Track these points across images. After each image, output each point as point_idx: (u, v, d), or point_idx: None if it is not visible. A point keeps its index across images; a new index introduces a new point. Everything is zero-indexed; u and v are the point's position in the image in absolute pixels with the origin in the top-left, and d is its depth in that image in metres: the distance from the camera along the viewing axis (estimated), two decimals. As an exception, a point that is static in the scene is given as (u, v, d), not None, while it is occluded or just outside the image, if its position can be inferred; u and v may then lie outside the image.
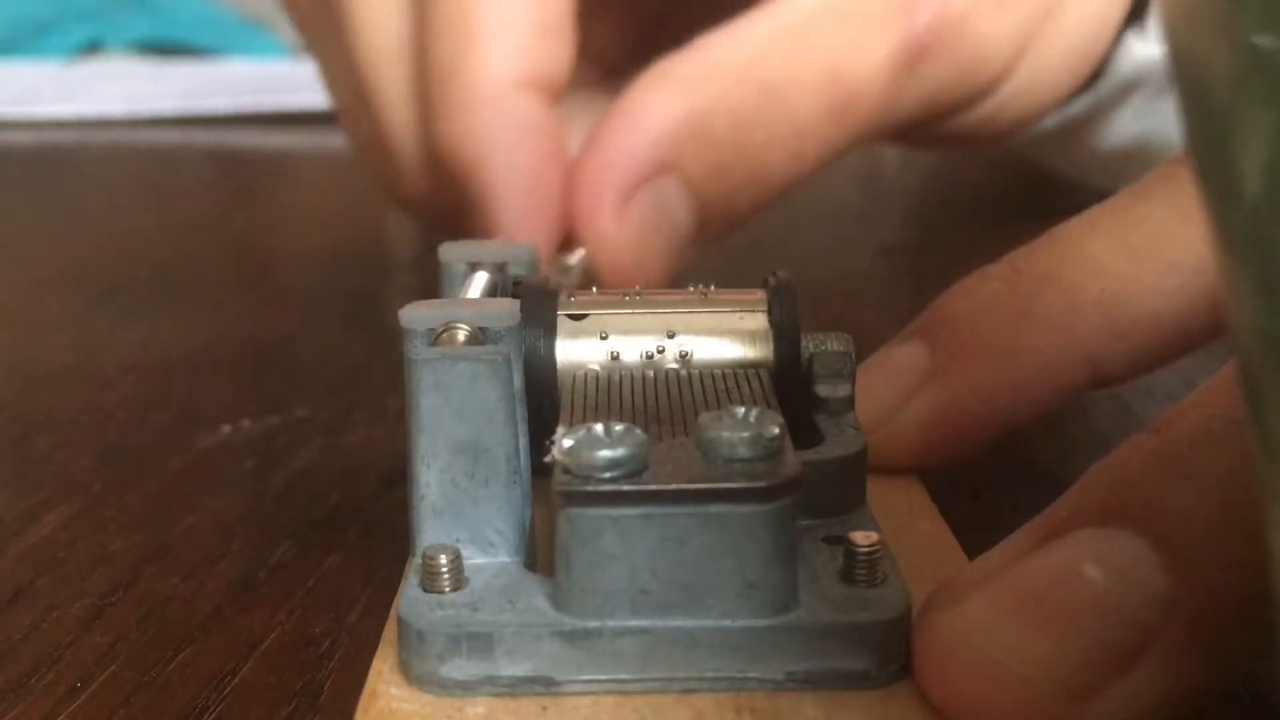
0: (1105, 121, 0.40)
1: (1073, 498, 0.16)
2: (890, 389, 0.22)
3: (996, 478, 0.25)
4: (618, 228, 0.26)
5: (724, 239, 0.28)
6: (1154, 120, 0.41)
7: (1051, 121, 0.38)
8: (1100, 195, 0.23)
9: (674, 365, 0.20)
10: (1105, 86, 0.37)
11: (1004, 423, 0.22)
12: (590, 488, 0.16)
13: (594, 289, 0.21)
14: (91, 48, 0.99)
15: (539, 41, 0.27)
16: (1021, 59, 0.31)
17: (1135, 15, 0.36)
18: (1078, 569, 0.15)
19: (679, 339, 0.20)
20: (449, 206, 0.28)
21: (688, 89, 0.26)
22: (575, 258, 0.25)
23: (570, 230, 0.26)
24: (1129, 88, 0.38)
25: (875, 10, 0.28)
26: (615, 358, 0.20)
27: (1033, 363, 0.22)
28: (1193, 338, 0.22)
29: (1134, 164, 0.43)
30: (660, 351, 0.20)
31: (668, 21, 0.33)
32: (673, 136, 0.26)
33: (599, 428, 0.16)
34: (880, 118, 0.28)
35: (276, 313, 0.40)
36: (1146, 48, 0.37)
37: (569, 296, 0.21)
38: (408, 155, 0.29)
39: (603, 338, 0.20)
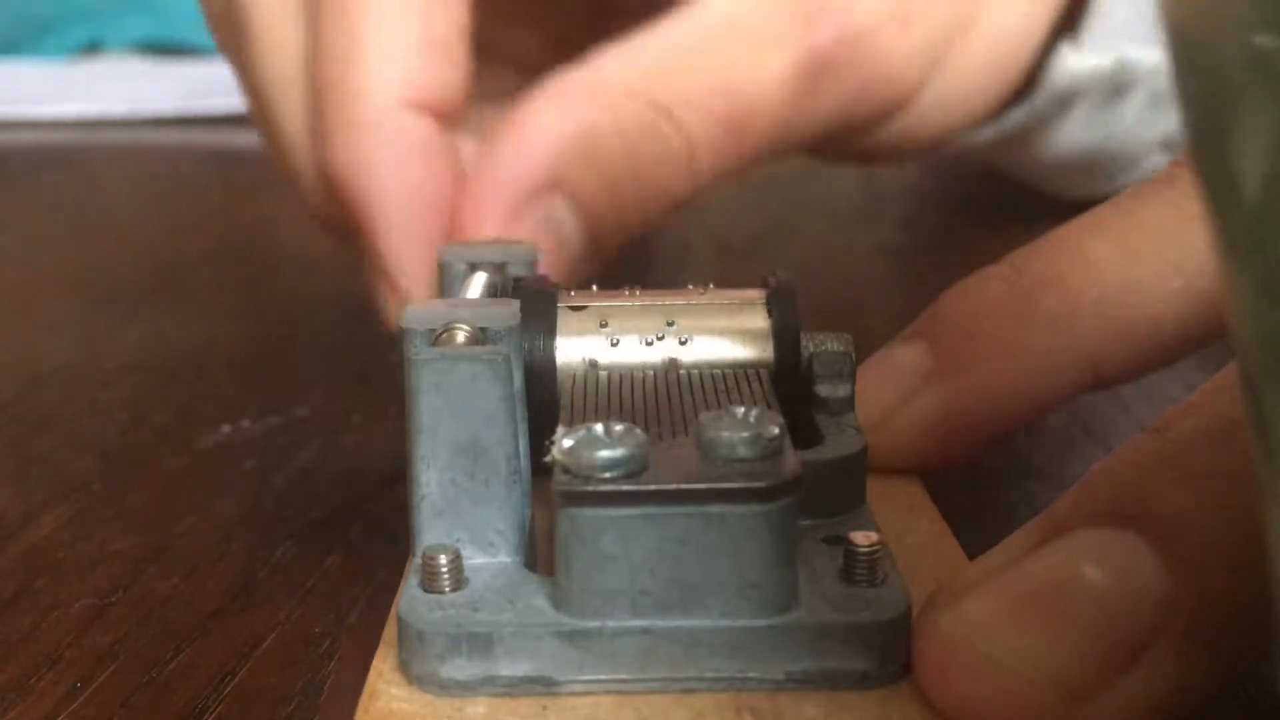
0: (1048, 132, 0.40)
1: (1073, 498, 0.16)
2: (890, 389, 0.22)
3: (996, 478, 0.25)
4: None
5: (620, 254, 0.28)
6: (1106, 129, 0.41)
7: (989, 133, 0.38)
8: (1074, 200, 0.23)
9: (674, 367, 0.20)
10: (1041, 98, 0.37)
11: (1005, 423, 0.22)
12: (590, 488, 0.16)
13: (594, 287, 0.21)
14: (91, 48, 0.99)
15: (426, 61, 0.27)
16: (934, 75, 0.31)
17: (1070, 26, 0.36)
18: (1077, 569, 0.15)
19: (679, 339, 0.20)
20: (346, 222, 0.27)
21: (577, 105, 0.26)
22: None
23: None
24: (1068, 98, 0.38)
25: (774, 27, 0.28)
26: (616, 351, 0.20)
27: (1033, 364, 0.22)
28: (1193, 340, 0.22)
29: (1089, 172, 0.43)
30: (660, 353, 0.20)
31: (590, 24, 0.33)
32: (561, 154, 0.26)
33: (599, 427, 0.16)
34: (781, 133, 0.28)
35: (276, 313, 0.40)
36: (1081, 59, 0.37)
37: (570, 297, 0.21)
38: (306, 174, 0.29)
39: (604, 337, 0.20)
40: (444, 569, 0.17)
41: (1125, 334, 0.22)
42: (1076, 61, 0.37)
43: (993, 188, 0.51)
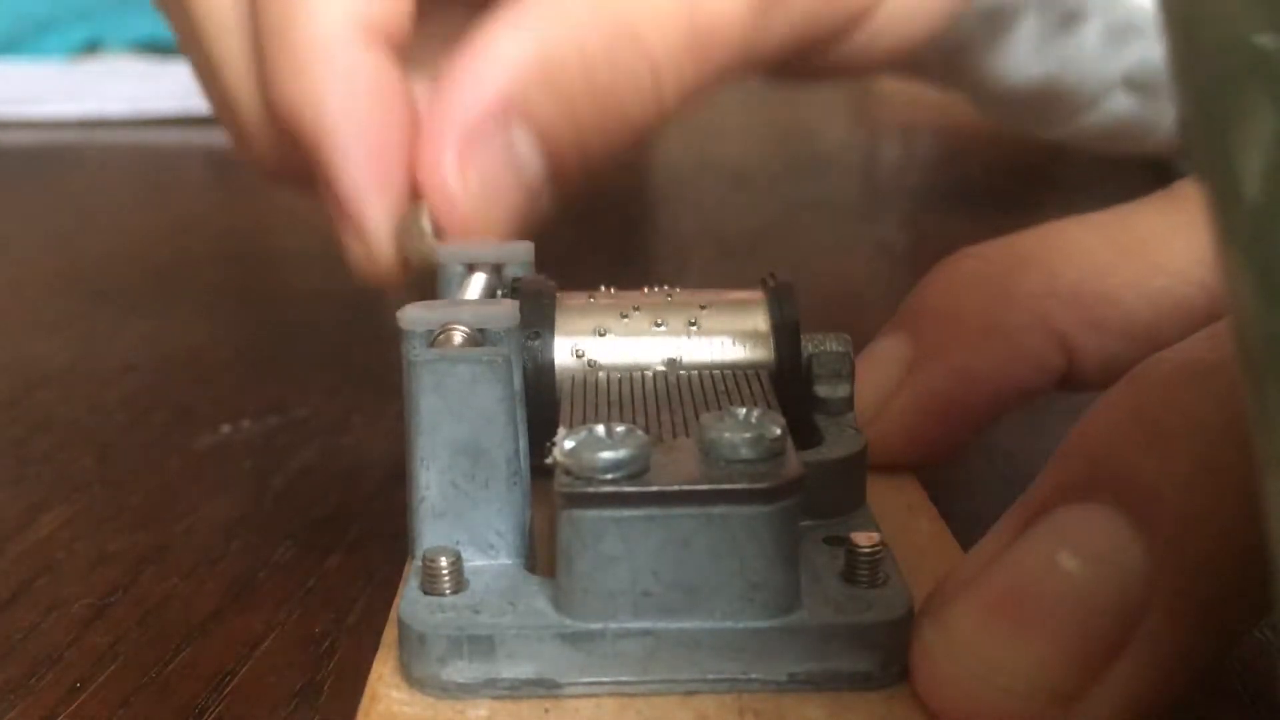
0: (992, 53, 0.40)
1: (1050, 473, 0.16)
2: (876, 383, 0.22)
3: (994, 477, 0.25)
4: (460, 181, 0.24)
5: (578, 190, 0.27)
6: (1060, 59, 0.40)
7: (932, 55, 0.38)
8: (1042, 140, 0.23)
9: (674, 368, 0.20)
10: (968, 18, 0.37)
11: (989, 405, 0.22)
12: (592, 489, 0.15)
13: (597, 288, 0.21)
14: (91, 47, 0.99)
15: None
16: None
17: None
18: (1052, 560, 0.15)
19: (679, 340, 0.20)
20: (297, 169, 0.26)
21: (533, 29, 0.25)
22: (423, 215, 0.24)
23: (414, 184, 0.24)
24: (1000, 14, 0.38)
25: None
26: (615, 352, 0.20)
27: (1010, 342, 0.22)
28: (1167, 343, 0.22)
29: (1048, 107, 0.43)
30: (660, 353, 0.20)
31: None
32: (520, 79, 0.24)
33: (600, 429, 0.16)
34: (742, 53, 0.27)
35: (276, 313, 0.40)
36: None
37: (569, 298, 0.21)
38: (250, 118, 0.27)
39: (603, 337, 0.20)
40: (444, 571, 0.17)
41: (1100, 323, 0.22)
42: None
43: (993, 188, 0.51)
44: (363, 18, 0.25)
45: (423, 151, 0.24)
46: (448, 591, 0.17)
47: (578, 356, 0.20)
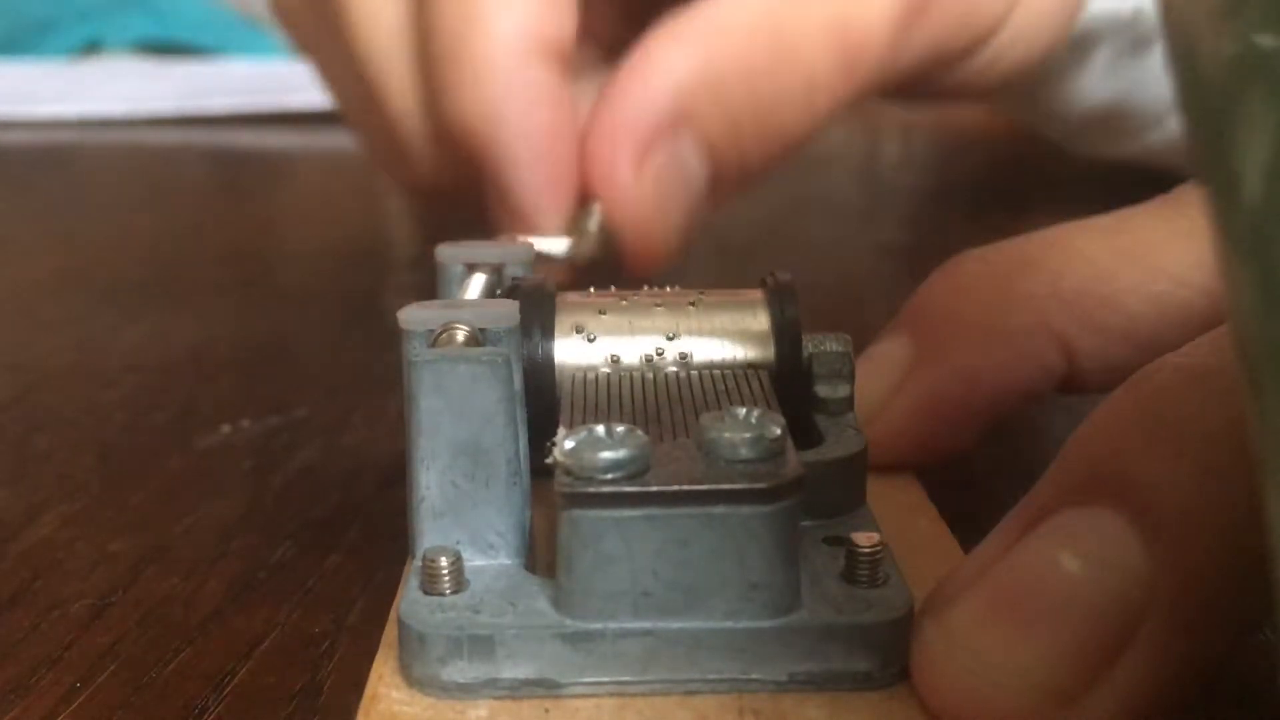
0: (1069, 78, 0.41)
1: (1052, 475, 0.16)
2: (877, 383, 0.22)
3: (994, 477, 0.25)
4: (637, 184, 0.26)
5: (734, 200, 0.28)
6: (1128, 82, 0.41)
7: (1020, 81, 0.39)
8: (1101, 159, 0.23)
9: (674, 368, 0.20)
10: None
11: (990, 407, 0.22)
12: (592, 489, 0.15)
13: (592, 289, 0.21)
14: (91, 47, 0.99)
15: (542, 6, 0.27)
16: (1016, 6, 0.31)
17: None
18: (1054, 561, 0.15)
19: (679, 340, 0.20)
20: (463, 188, 0.28)
21: (700, 43, 0.26)
22: (593, 219, 0.25)
23: (587, 191, 0.26)
24: (1084, 42, 0.39)
25: None
26: (615, 360, 0.20)
27: (1011, 344, 0.22)
28: (1167, 348, 0.22)
29: (1113, 128, 0.43)
30: (660, 354, 0.20)
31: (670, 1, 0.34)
32: (687, 91, 0.26)
33: (600, 429, 0.16)
34: (885, 69, 0.28)
35: (276, 313, 0.40)
36: (1098, 1, 0.38)
37: (568, 298, 0.21)
38: (417, 140, 0.29)
39: (603, 338, 0.20)
40: (444, 571, 0.17)
41: (1101, 326, 0.22)
42: (1093, 4, 0.37)
43: (994, 188, 0.51)
44: (535, 32, 0.27)
45: (598, 158, 0.26)
46: (448, 591, 0.17)
47: (578, 356, 0.20)
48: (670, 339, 0.20)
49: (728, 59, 0.26)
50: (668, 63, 0.26)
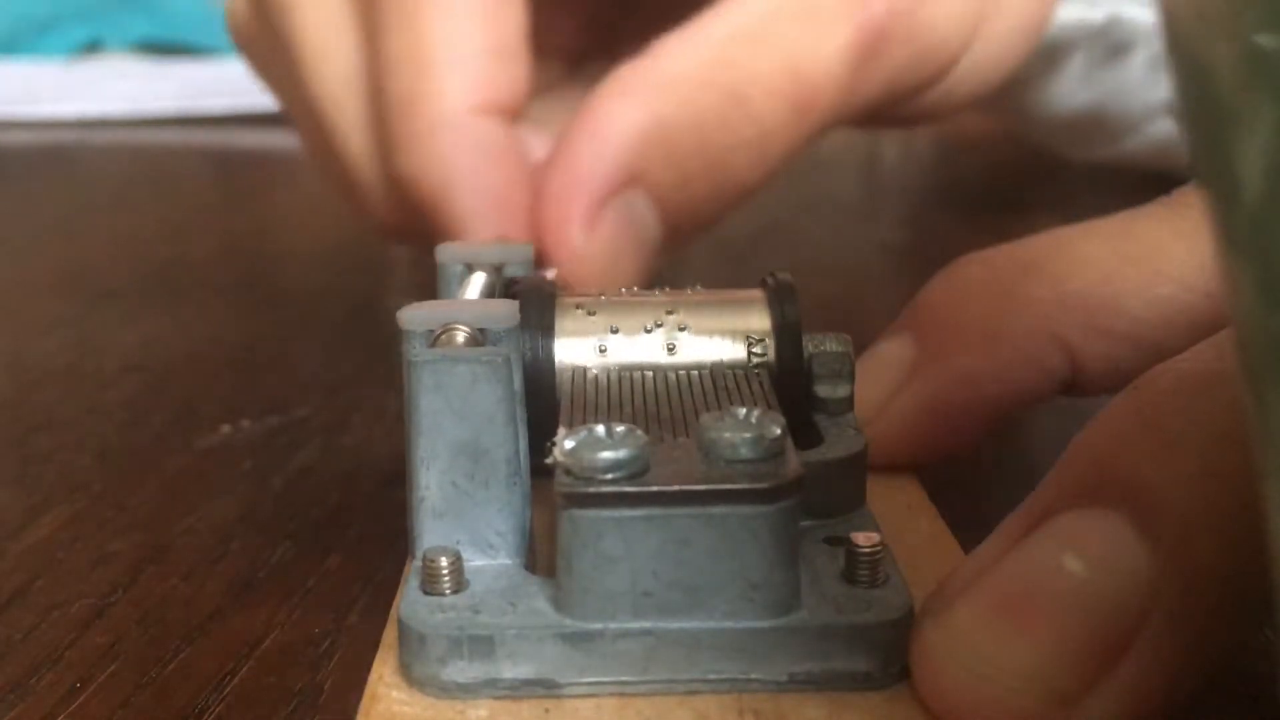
0: (1043, 85, 0.41)
1: (1055, 477, 0.16)
2: (879, 384, 0.22)
3: (995, 477, 0.25)
4: (588, 244, 0.25)
5: (690, 246, 0.28)
6: (1105, 88, 0.41)
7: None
8: (1081, 161, 0.23)
9: (674, 369, 0.20)
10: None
11: (992, 410, 0.22)
12: (592, 489, 0.15)
13: (595, 292, 0.21)
14: (91, 47, 0.99)
15: (494, 66, 0.27)
16: (974, 39, 0.31)
17: None
18: (1057, 562, 0.15)
19: (680, 340, 0.20)
20: (417, 232, 0.28)
21: (649, 98, 0.26)
22: (549, 276, 0.25)
23: (539, 248, 0.25)
24: (1055, 51, 0.39)
25: (829, 4, 0.27)
26: (616, 351, 0.20)
27: (1014, 347, 0.22)
28: (1171, 351, 0.22)
29: (1092, 133, 0.44)
30: (659, 339, 0.20)
31: (632, 9, 0.33)
32: (637, 148, 0.26)
33: (600, 429, 0.16)
34: (840, 110, 0.28)
35: (276, 313, 0.40)
36: (1067, 9, 0.38)
37: (569, 297, 0.21)
38: (370, 183, 0.29)
39: (604, 338, 0.20)
40: (444, 571, 0.17)
41: (1105, 329, 0.22)
42: (1063, 12, 0.37)
43: (995, 188, 0.51)
44: (484, 94, 0.27)
45: (548, 217, 0.26)
46: (448, 591, 0.17)
47: (578, 356, 0.20)
48: (670, 339, 0.20)
49: (678, 113, 0.26)
50: (617, 120, 0.26)
